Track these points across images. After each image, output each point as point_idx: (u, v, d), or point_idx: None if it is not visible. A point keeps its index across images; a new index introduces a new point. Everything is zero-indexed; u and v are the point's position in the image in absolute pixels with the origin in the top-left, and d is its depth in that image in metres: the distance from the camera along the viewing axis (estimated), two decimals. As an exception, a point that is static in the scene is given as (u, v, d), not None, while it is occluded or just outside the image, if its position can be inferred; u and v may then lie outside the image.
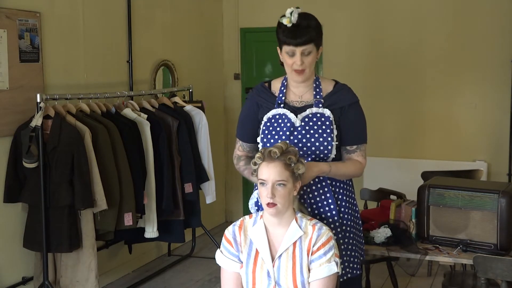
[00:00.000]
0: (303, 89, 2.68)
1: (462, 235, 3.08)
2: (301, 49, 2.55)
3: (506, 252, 2.98)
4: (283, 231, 2.41)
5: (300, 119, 2.61)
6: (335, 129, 2.60)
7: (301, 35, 2.54)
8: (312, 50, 2.57)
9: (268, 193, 2.33)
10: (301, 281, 2.36)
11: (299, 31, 2.54)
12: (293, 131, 2.60)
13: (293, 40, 2.55)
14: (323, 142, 2.58)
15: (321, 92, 2.66)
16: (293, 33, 2.55)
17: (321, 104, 2.62)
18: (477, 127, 5.62)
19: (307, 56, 2.57)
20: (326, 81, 2.72)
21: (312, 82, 2.68)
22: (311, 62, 2.60)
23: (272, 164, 2.35)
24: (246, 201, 6.58)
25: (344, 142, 2.65)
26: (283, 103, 2.68)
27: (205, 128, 4.92)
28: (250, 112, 2.79)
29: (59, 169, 3.73)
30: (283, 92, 2.71)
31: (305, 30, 2.54)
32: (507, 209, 2.97)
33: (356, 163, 2.66)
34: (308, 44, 2.55)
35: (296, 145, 2.58)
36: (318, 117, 2.60)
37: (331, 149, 2.59)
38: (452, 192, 3.13)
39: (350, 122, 2.64)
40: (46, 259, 3.82)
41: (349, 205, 2.68)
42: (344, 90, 2.69)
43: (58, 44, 4.26)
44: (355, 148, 2.67)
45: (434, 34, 5.70)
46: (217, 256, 2.51)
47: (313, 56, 2.59)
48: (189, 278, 4.95)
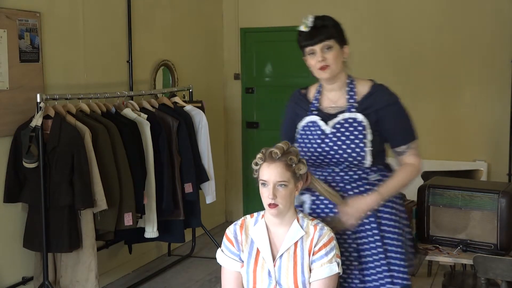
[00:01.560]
0: (337, 94, 2.62)
1: (462, 235, 3.08)
2: (320, 46, 2.52)
3: (506, 252, 2.98)
4: (284, 231, 2.41)
5: (331, 126, 2.55)
6: (370, 134, 2.51)
7: (318, 33, 2.52)
8: (332, 45, 2.53)
9: (270, 194, 2.33)
10: (302, 281, 2.36)
11: (316, 31, 2.53)
12: (324, 138, 2.54)
13: (311, 40, 2.53)
14: (355, 149, 2.50)
15: (355, 96, 2.58)
16: (310, 34, 2.54)
17: (354, 108, 2.55)
18: (477, 127, 5.62)
19: (328, 51, 2.52)
20: (362, 82, 2.63)
21: (345, 85, 2.61)
22: (334, 57, 2.53)
23: (273, 165, 2.35)
24: (246, 201, 6.59)
25: (392, 144, 2.57)
26: (316, 110, 2.62)
27: (205, 128, 4.92)
28: (288, 120, 2.76)
29: (59, 169, 3.73)
30: (317, 99, 2.66)
31: (321, 29, 2.53)
32: (507, 209, 2.97)
33: (408, 168, 2.56)
34: (326, 40, 2.52)
35: (328, 152, 2.53)
36: (350, 122, 2.53)
37: (365, 156, 2.51)
38: (452, 192, 3.13)
39: (392, 123, 2.55)
40: (46, 259, 3.82)
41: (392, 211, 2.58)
42: (380, 91, 2.59)
43: (58, 44, 4.26)
44: (404, 148, 2.56)
45: (434, 34, 5.70)
46: (218, 255, 2.51)
47: (335, 52, 2.54)
48: (189, 278, 4.95)
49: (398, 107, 2.59)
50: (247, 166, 6.40)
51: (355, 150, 2.50)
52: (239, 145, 6.58)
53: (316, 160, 2.59)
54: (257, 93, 6.47)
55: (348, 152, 2.51)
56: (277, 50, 6.28)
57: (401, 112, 2.59)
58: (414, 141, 2.58)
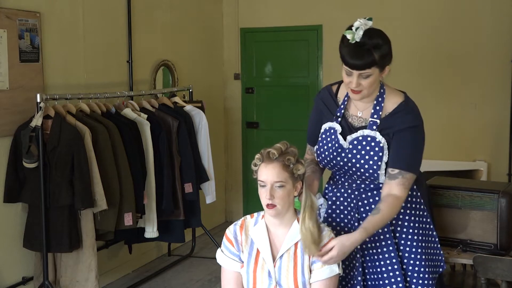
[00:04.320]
0: (365, 105, 2.50)
1: (462, 235, 3.08)
2: (358, 73, 2.37)
3: (506, 252, 2.99)
4: (284, 232, 2.41)
5: (349, 140, 2.47)
6: (386, 156, 2.42)
7: (361, 57, 2.33)
8: (372, 73, 2.37)
9: (267, 194, 2.32)
10: (302, 281, 2.35)
11: (359, 52, 2.34)
12: (340, 152, 2.49)
13: (350, 61, 2.35)
14: (372, 166, 2.43)
15: (380, 111, 2.46)
16: (353, 53, 2.35)
17: (375, 125, 2.44)
18: (477, 127, 5.62)
19: (365, 79, 2.38)
20: (392, 96, 2.49)
21: (374, 98, 2.48)
22: (370, 84, 2.40)
23: (271, 165, 2.34)
24: (246, 201, 6.59)
25: (389, 163, 2.42)
26: (341, 117, 2.53)
27: (205, 128, 4.92)
28: (314, 118, 2.66)
29: (59, 169, 3.73)
30: (345, 104, 2.55)
31: (366, 53, 2.33)
32: (507, 209, 2.97)
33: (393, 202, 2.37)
34: (366, 69, 2.35)
35: (345, 164, 2.49)
36: (369, 141, 2.45)
37: (379, 175, 2.43)
38: (452, 192, 3.13)
39: (400, 145, 2.41)
40: (46, 259, 3.82)
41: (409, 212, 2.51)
42: (405, 111, 2.45)
43: (58, 44, 4.26)
44: (396, 173, 2.40)
45: (433, 34, 5.69)
46: (218, 255, 2.51)
47: (372, 79, 2.39)
48: (189, 278, 4.95)
49: (415, 133, 2.45)
50: (247, 166, 6.43)
51: (371, 167, 2.44)
52: (239, 145, 6.58)
53: (334, 168, 2.58)
54: (257, 93, 6.47)
55: (365, 167, 2.45)
56: (277, 50, 6.29)
57: (415, 138, 2.46)
58: (410, 174, 2.42)
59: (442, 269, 2.61)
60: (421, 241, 2.52)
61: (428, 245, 2.57)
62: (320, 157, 2.58)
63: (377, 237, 2.50)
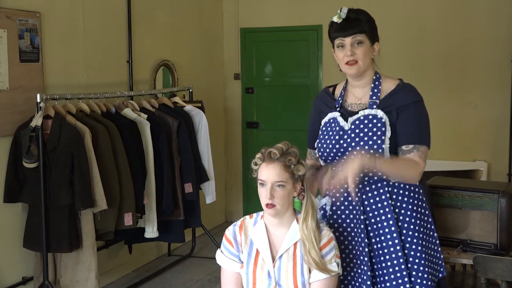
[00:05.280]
0: (363, 91, 2.56)
1: (462, 235, 3.08)
2: (350, 39, 2.46)
3: (506, 252, 2.98)
4: (283, 232, 2.41)
5: (351, 122, 2.49)
6: (389, 131, 2.44)
7: (350, 26, 2.47)
8: (363, 40, 2.47)
9: (267, 194, 2.33)
10: (301, 281, 2.36)
11: (348, 23, 2.47)
12: (342, 135, 2.49)
13: (341, 32, 2.48)
14: (372, 145, 2.42)
15: (378, 93, 2.51)
16: (342, 26, 2.49)
17: (375, 105, 2.48)
18: (477, 127, 5.62)
19: (358, 46, 2.47)
20: (389, 80, 2.56)
21: (371, 82, 2.55)
22: (364, 53, 2.47)
23: (272, 165, 2.34)
24: (246, 201, 6.59)
25: (400, 141, 2.45)
26: (340, 107, 2.58)
27: (205, 128, 4.92)
28: (314, 119, 2.70)
29: (59, 169, 3.73)
30: (342, 95, 2.61)
31: (354, 22, 2.47)
32: (507, 209, 2.97)
33: (411, 162, 2.42)
34: (357, 34, 2.46)
35: (346, 149, 2.48)
36: (370, 119, 2.46)
37: (382, 153, 2.42)
38: (452, 192, 3.12)
39: (408, 120, 2.45)
40: (46, 259, 3.82)
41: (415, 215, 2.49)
42: (405, 89, 2.52)
43: (58, 44, 4.26)
44: (411, 148, 2.43)
45: (433, 34, 5.70)
46: (218, 256, 2.51)
47: (365, 48, 2.48)
48: (189, 278, 4.95)
49: (419, 108, 2.51)
50: (247, 166, 6.41)
51: (372, 147, 2.42)
52: (239, 145, 6.58)
53: (335, 157, 2.54)
54: (257, 93, 6.47)
55: (368, 146, 2.43)
56: (277, 50, 6.29)
57: (421, 112, 2.51)
58: (424, 146, 2.46)
59: (441, 275, 2.58)
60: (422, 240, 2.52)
61: (429, 246, 2.56)
62: (322, 148, 2.57)
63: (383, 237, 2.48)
